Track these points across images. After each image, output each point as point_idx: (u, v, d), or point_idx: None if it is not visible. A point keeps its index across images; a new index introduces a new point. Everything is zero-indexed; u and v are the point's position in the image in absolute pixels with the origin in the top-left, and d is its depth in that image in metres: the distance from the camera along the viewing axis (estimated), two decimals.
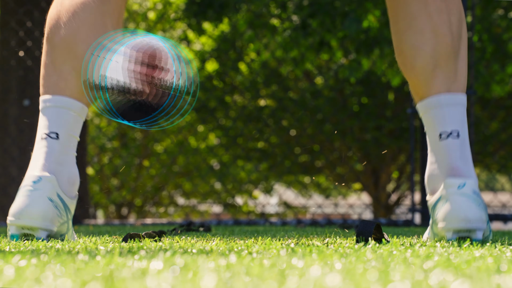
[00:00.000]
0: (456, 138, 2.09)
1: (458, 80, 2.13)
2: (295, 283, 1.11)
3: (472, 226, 2.02)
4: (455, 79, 2.13)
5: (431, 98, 2.12)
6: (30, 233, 2.05)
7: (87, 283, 1.10)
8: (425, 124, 2.16)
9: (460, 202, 2.02)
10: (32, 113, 6.10)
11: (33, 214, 2.04)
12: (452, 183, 2.04)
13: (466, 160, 2.10)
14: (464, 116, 2.12)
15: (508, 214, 4.79)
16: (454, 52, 2.12)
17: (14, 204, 2.08)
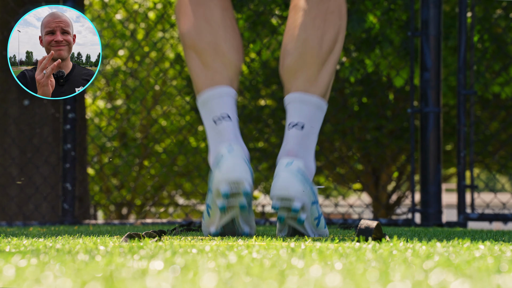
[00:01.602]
0: (300, 130, 2.46)
1: (318, 85, 2.50)
2: (295, 283, 1.11)
3: (290, 194, 2.33)
4: (315, 84, 2.50)
5: (290, 94, 2.51)
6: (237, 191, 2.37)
7: (87, 283, 1.10)
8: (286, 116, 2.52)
9: (284, 176, 2.34)
10: (32, 113, 6.10)
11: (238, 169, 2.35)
12: (283, 162, 2.37)
13: (306, 149, 2.46)
14: (316, 115, 2.49)
15: (508, 214, 4.79)
16: (319, 62, 2.49)
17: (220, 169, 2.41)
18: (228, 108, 2.50)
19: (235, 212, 2.43)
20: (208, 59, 2.53)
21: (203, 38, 2.54)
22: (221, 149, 2.43)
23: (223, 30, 2.55)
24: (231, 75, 2.54)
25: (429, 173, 4.58)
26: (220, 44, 2.54)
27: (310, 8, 2.52)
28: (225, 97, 2.52)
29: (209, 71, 2.53)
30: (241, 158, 2.38)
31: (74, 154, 4.89)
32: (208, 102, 2.52)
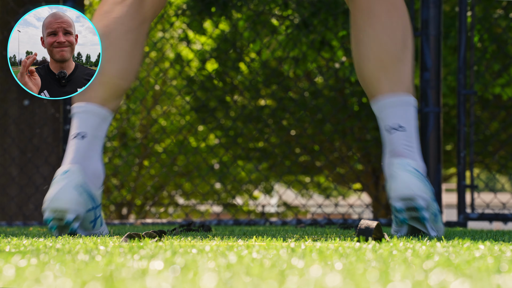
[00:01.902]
0: (402, 131, 2.44)
1: (402, 82, 2.49)
2: (295, 283, 1.11)
3: (414, 193, 2.31)
4: (400, 81, 2.49)
5: (377, 100, 2.50)
6: (61, 217, 2.35)
7: (87, 283, 1.10)
8: (378, 121, 2.53)
9: (403, 176, 2.33)
10: (32, 113, 6.11)
11: (62, 199, 2.35)
12: (397, 162, 2.36)
13: (411, 148, 2.43)
14: (409, 112, 2.48)
15: (508, 214, 4.79)
16: (397, 60, 2.50)
17: (48, 193, 2.38)
18: (88, 126, 2.49)
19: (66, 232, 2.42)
20: None
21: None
22: (58, 171, 2.42)
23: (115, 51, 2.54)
24: (105, 94, 2.52)
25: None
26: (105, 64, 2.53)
27: (373, 8, 2.52)
28: (89, 114, 2.51)
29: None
30: (72, 184, 2.37)
31: None
32: (74, 116, 2.54)
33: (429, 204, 2.37)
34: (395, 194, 2.35)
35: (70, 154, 2.45)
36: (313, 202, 15.17)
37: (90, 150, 2.47)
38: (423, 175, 2.38)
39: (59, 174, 2.39)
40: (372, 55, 2.51)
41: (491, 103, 8.80)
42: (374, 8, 2.52)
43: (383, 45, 2.51)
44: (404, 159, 2.37)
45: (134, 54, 2.56)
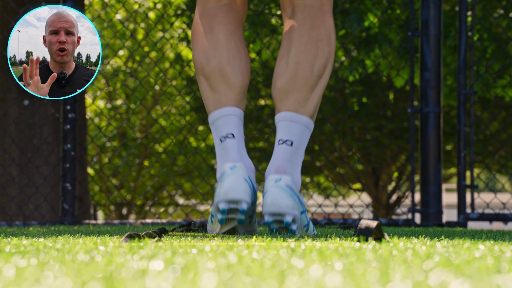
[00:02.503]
0: (289, 146, 2.69)
1: (307, 106, 2.72)
2: (295, 283, 1.11)
3: (281, 210, 2.55)
4: (304, 104, 2.71)
5: (280, 113, 2.72)
6: (235, 207, 2.56)
7: (87, 283, 1.10)
8: (276, 134, 2.72)
9: (274, 192, 2.57)
10: (32, 113, 6.11)
11: (237, 189, 2.57)
12: (272, 178, 2.61)
13: (293, 164, 2.70)
14: (304, 133, 2.72)
15: (508, 214, 4.79)
16: (309, 85, 2.71)
17: (219, 187, 2.58)
18: (233, 127, 2.72)
19: (234, 224, 2.63)
20: (214, 82, 2.75)
21: (209, 63, 2.76)
22: (225, 167, 2.62)
23: (226, 54, 2.76)
24: (235, 95, 2.75)
25: (429, 173, 4.58)
26: (224, 67, 2.75)
27: (302, 34, 2.74)
28: (230, 116, 2.73)
29: (216, 94, 2.76)
30: (242, 177, 2.60)
31: (74, 154, 4.88)
32: (215, 122, 2.75)
33: (296, 218, 2.59)
34: (265, 209, 2.57)
35: (228, 152, 2.68)
36: (313, 202, 15.13)
37: (241, 148, 2.71)
38: (293, 190, 2.60)
39: (227, 169, 2.60)
40: (288, 73, 2.72)
41: (491, 103, 8.80)
42: (303, 34, 2.75)
43: (300, 68, 2.72)
44: (279, 176, 2.60)
45: (243, 51, 2.79)
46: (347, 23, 7.31)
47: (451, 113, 10.33)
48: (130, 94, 12.83)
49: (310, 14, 2.76)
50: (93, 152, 12.40)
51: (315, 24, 2.75)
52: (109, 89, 13.37)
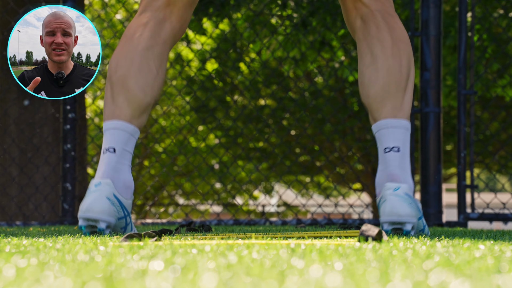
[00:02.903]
0: (397, 152, 2.72)
1: (403, 109, 2.74)
2: (295, 283, 1.11)
3: (402, 219, 2.59)
4: (401, 108, 2.74)
5: (380, 121, 2.75)
6: (94, 225, 2.61)
7: (87, 283, 1.10)
8: (377, 142, 2.79)
9: (394, 201, 2.59)
10: (32, 113, 6.10)
11: (95, 209, 2.60)
12: (389, 186, 2.62)
13: (404, 170, 2.71)
14: (406, 136, 2.73)
15: (508, 214, 4.79)
16: (401, 87, 2.74)
17: (82, 202, 2.62)
18: (117, 142, 2.71)
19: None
20: (115, 92, 2.76)
21: (117, 72, 2.77)
22: (91, 183, 2.66)
23: (137, 68, 2.75)
24: (131, 111, 2.73)
25: (429, 173, 4.58)
26: (128, 80, 2.75)
27: (384, 39, 2.77)
28: (118, 131, 2.72)
29: (113, 104, 2.75)
30: (104, 196, 2.62)
31: (74, 154, 4.88)
32: (105, 132, 2.75)
33: (415, 226, 2.63)
34: (385, 218, 2.60)
35: (102, 167, 2.68)
36: (313, 202, 15.14)
37: (119, 163, 2.71)
38: (412, 198, 2.63)
39: (92, 186, 2.63)
40: (380, 79, 2.73)
41: (491, 103, 8.80)
42: (384, 37, 2.77)
43: (391, 72, 2.73)
44: (396, 184, 2.63)
45: (156, 70, 2.77)
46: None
47: (451, 113, 10.33)
48: None
49: (383, 18, 2.80)
50: (93, 152, 12.40)
51: (391, 26, 2.79)
52: None
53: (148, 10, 2.82)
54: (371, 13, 2.80)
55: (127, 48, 2.79)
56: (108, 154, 2.70)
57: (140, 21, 2.81)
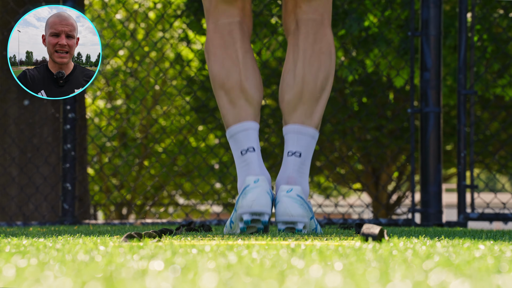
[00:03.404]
0: (298, 157, 2.87)
1: (313, 118, 2.92)
2: (295, 283, 1.11)
3: (294, 219, 2.77)
4: (311, 117, 2.92)
5: (289, 126, 2.94)
6: (258, 218, 2.74)
7: (87, 283, 1.10)
8: (285, 144, 2.93)
9: (287, 202, 2.77)
10: (32, 113, 6.10)
11: (261, 203, 2.74)
12: (283, 188, 2.80)
13: (302, 174, 2.87)
14: (310, 144, 2.90)
15: (508, 214, 4.79)
16: (314, 98, 2.92)
17: (243, 199, 2.76)
18: (253, 141, 2.90)
19: (253, 231, 2.81)
20: (234, 97, 2.93)
21: (229, 79, 2.94)
22: (248, 180, 2.79)
23: (245, 71, 2.96)
24: (254, 110, 2.94)
25: (429, 173, 4.58)
26: (244, 83, 2.94)
27: (306, 49, 2.94)
28: (250, 131, 2.92)
29: (236, 108, 2.93)
30: (265, 190, 2.76)
31: (74, 154, 4.88)
32: (235, 135, 2.92)
33: (307, 225, 2.81)
34: (278, 218, 2.78)
35: (251, 166, 2.86)
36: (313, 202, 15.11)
37: (260, 160, 2.88)
38: (304, 199, 2.80)
39: (251, 182, 2.77)
40: (295, 86, 2.93)
41: (491, 103, 8.80)
42: (307, 48, 2.94)
43: (306, 82, 2.92)
44: (290, 186, 2.80)
45: (257, 68, 3.02)
46: (347, 23, 7.31)
47: (451, 113, 10.33)
48: (130, 94, 12.83)
49: (313, 28, 2.95)
50: (93, 152, 12.40)
51: (317, 38, 2.94)
52: (109, 89, 13.36)
53: (222, 19, 2.99)
54: (305, 21, 2.96)
55: (229, 55, 2.97)
56: (249, 153, 2.88)
57: (223, 30, 2.98)
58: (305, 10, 2.96)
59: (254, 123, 2.94)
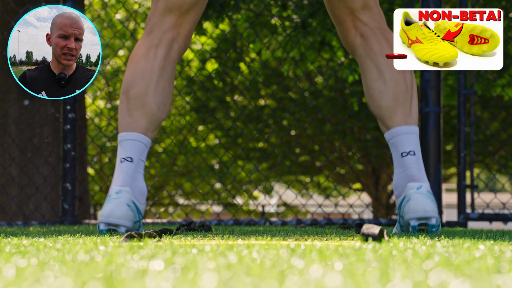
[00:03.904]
0: (413, 155, 2.97)
1: (412, 116, 3.03)
2: (295, 283, 1.11)
3: (428, 214, 2.85)
4: (410, 115, 3.03)
5: (394, 129, 3.02)
6: (114, 229, 2.83)
7: (87, 283, 1.10)
8: (391, 147, 3.02)
9: (419, 199, 2.86)
10: (32, 113, 6.10)
11: (116, 215, 2.83)
12: (412, 186, 2.88)
13: (421, 170, 2.95)
14: (418, 141, 3.00)
15: (508, 214, 4.79)
16: (408, 97, 3.03)
17: (103, 208, 2.86)
18: (134, 152, 2.95)
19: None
20: (133, 106, 2.99)
21: (134, 89, 2.99)
22: (111, 190, 2.90)
23: (154, 87, 3.00)
24: (147, 124, 2.99)
25: (429, 173, 4.58)
26: (146, 97, 2.99)
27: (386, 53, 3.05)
28: (135, 142, 2.96)
29: (130, 117, 2.99)
30: (124, 202, 2.86)
31: (74, 154, 4.89)
32: (122, 143, 2.97)
33: (437, 220, 2.90)
34: (412, 214, 2.85)
35: (121, 176, 2.91)
36: (313, 202, 15.13)
37: (136, 172, 2.93)
38: (432, 195, 2.89)
39: (113, 193, 2.87)
40: (390, 91, 3.03)
41: (491, 103, 8.82)
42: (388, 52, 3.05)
43: (398, 84, 3.03)
44: (418, 183, 2.89)
45: (169, 89, 3.05)
46: None
47: (451, 113, 10.33)
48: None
49: (382, 35, 3.10)
50: (93, 152, 12.40)
51: (390, 41, 3.08)
52: (109, 89, 13.37)
53: (156, 30, 3.05)
54: (371, 30, 3.09)
55: (143, 67, 3.02)
56: (126, 163, 2.93)
57: (151, 41, 3.04)
58: (366, 21, 3.10)
59: (142, 136, 2.99)
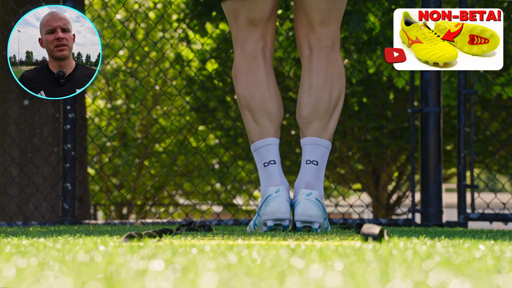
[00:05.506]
0: (315, 165, 3.27)
1: (327, 131, 3.33)
2: (295, 283, 1.11)
3: (311, 219, 3.13)
4: (325, 130, 3.33)
5: (307, 138, 3.33)
6: (280, 223, 3.12)
7: (87, 283, 1.10)
8: (302, 153, 3.31)
9: (306, 204, 3.15)
10: (32, 113, 6.10)
11: (282, 210, 3.13)
12: (303, 192, 3.18)
13: (318, 180, 3.27)
14: (325, 154, 3.33)
15: (508, 214, 4.79)
16: (328, 114, 3.33)
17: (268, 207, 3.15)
18: (274, 155, 3.34)
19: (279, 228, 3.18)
20: (258, 116, 3.35)
21: (254, 100, 3.34)
22: (270, 190, 3.19)
23: (268, 93, 3.35)
24: (275, 128, 3.37)
25: (429, 173, 4.58)
26: (267, 104, 3.34)
27: (320, 72, 3.34)
28: (271, 146, 3.35)
29: (258, 126, 3.36)
30: (285, 199, 3.15)
31: (74, 154, 4.89)
32: (259, 150, 3.34)
33: (321, 225, 3.17)
34: (298, 217, 3.12)
35: (272, 177, 3.26)
36: None
37: (280, 172, 3.28)
38: (321, 202, 3.18)
39: (273, 192, 3.17)
40: (312, 104, 3.32)
41: (491, 103, 8.81)
42: (321, 71, 3.34)
43: (321, 100, 3.32)
44: (309, 191, 3.17)
45: (277, 90, 3.39)
46: (350, 24, 7.31)
47: (451, 113, 10.33)
48: (130, 94, 12.83)
49: (326, 54, 3.35)
50: (93, 152, 12.40)
51: (329, 62, 3.34)
52: (109, 89, 13.37)
53: (248, 44, 3.38)
54: (318, 47, 3.35)
55: (254, 80, 3.37)
56: (271, 166, 3.31)
57: (248, 55, 3.38)
58: (319, 37, 3.35)
59: (274, 139, 3.37)
